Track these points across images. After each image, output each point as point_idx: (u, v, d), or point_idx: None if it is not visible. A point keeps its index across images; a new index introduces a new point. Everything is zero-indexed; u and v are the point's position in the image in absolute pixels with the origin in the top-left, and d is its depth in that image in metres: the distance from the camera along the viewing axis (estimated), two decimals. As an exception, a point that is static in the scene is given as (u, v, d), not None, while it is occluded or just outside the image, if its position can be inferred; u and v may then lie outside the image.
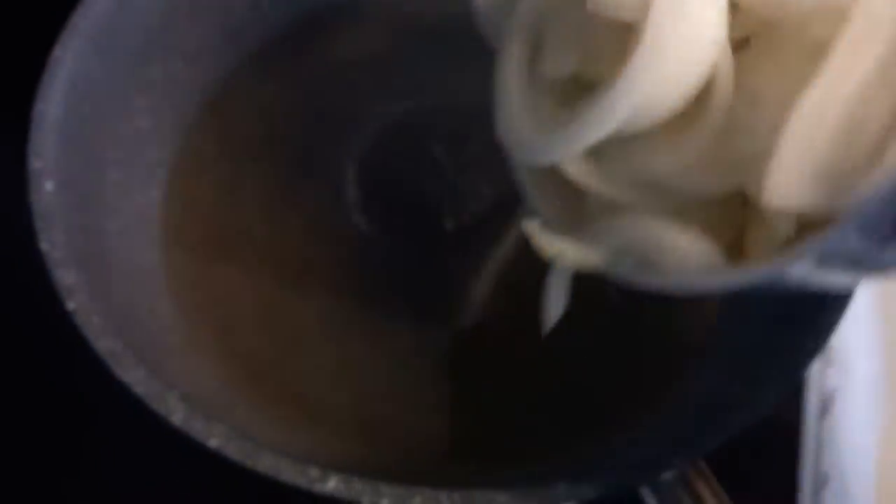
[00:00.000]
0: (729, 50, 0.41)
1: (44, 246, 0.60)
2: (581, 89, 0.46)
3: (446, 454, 0.67)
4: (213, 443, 0.53)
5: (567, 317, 0.50)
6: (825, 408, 0.73)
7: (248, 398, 0.69)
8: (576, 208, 0.50)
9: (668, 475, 0.57)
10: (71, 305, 0.58)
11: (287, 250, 0.76)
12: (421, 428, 0.67)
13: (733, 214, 0.44)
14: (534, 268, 0.49)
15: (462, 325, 0.72)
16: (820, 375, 0.74)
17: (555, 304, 0.51)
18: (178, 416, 0.54)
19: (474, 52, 0.54)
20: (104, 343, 0.57)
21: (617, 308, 0.67)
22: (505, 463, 0.65)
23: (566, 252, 0.47)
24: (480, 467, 0.66)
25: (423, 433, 0.67)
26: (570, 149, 0.44)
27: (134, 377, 0.56)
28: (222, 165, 0.80)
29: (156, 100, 0.79)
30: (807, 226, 0.41)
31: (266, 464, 0.52)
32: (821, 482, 0.70)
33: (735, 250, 0.45)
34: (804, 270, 0.39)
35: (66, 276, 0.59)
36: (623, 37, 0.42)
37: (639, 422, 0.65)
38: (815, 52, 0.38)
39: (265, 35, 0.86)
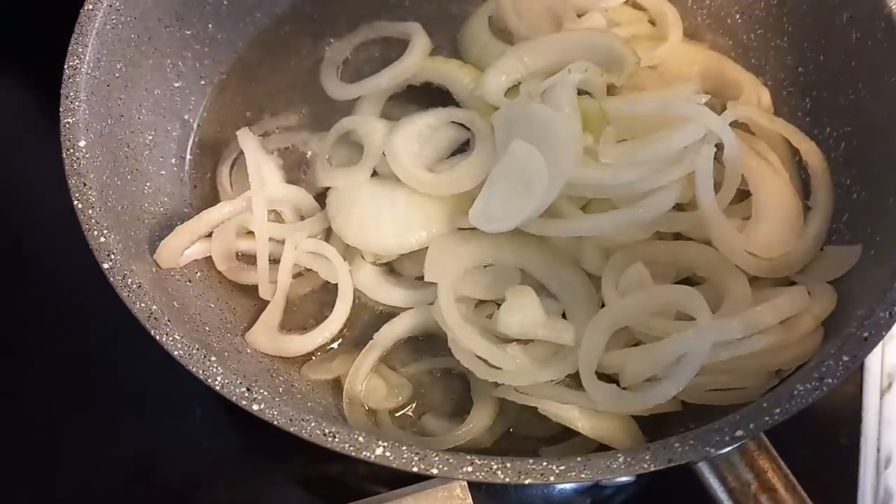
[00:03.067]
0: None
1: (77, 204, 0.58)
2: None
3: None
4: (255, 407, 0.51)
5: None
6: (886, 385, 0.70)
7: (286, 367, 0.66)
8: None
9: (728, 449, 0.54)
10: (106, 265, 0.56)
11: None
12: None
13: None
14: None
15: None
16: (882, 352, 0.71)
17: None
18: (218, 380, 0.52)
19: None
20: (141, 305, 0.54)
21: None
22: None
23: None
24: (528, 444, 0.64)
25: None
26: None
27: (172, 340, 0.53)
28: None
29: (188, 60, 0.77)
30: None
31: (311, 429, 0.50)
32: (883, 461, 0.67)
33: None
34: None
35: (100, 235, 0.57)
36: None
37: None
38: None
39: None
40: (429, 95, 0.78)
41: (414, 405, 0.67)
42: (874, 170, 0.67)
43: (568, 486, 0.69)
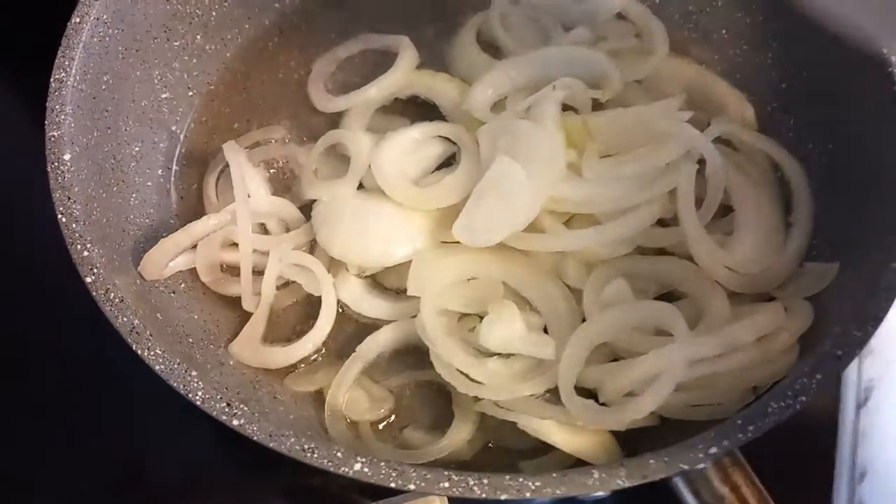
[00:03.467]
0: None
1: (61, 218, 0.58)
2: None
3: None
4: (235, 423, 0.51)
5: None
6: (863, 399, 0.71)
7: (270, 379, 0.67)
8: None
9: (702, 465, 0.55)
10: (89, 279, 0.56)
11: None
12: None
13: None
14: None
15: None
16: (859, 367, 0.71)
17: None
18: (199, 395, 0.52)
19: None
20: (123, 319, 0.55)
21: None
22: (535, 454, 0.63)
23: None
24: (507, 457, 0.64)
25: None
26: None
27: (153, 354, 0.54)
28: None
29: (176, 71, 0.77)
30: None
31: (290, 445, 0.50)
32: (858, 475, 0.68)
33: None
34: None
35: (83, 249, 0.57)
36: None
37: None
38: None
39: (284, 7, 0.84)
40: (415, 109, 0.79)
41: (395, 417, 0.67)
42: (854, 187, 0.68)
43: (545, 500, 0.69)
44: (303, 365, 0.68)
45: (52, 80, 0.63)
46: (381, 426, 0.66)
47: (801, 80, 0.75)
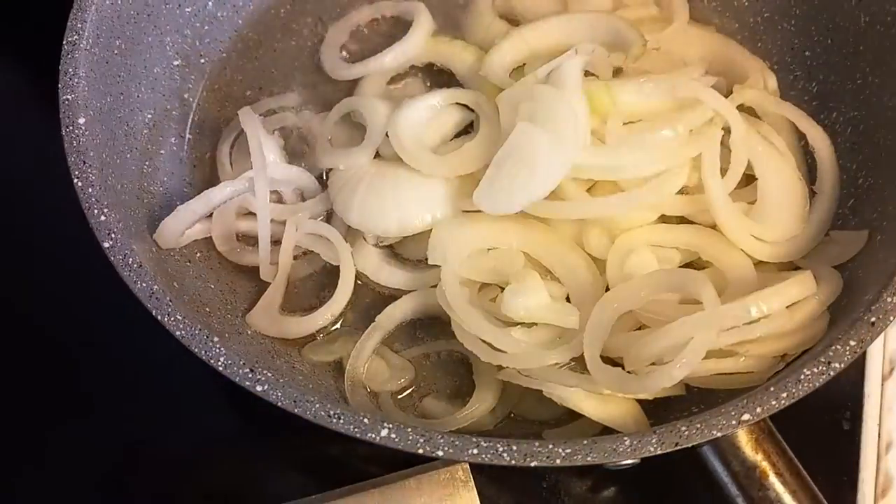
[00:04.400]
0: None
1: (77, 182, 0.57)
2: None
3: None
4: (259, 388, 0.50)
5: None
6: (888, 371, 0.70)
7: (287, 349, 0.66)
8: None
9: (731, 434, 0.54)
10: (106, 245, 0.55)
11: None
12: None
13: None
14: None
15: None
16: (884, 338, 0.71)
17: None
18: (221, 360, 0.51)
19: None
20: (142, 284, 0.54)
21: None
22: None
23: None
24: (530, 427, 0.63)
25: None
26: None
27: (174, 320, 0.53)
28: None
29: (188, 38, 0.76)
30: None
31: (315, 410, 0.49)
32: (884, 446, 0.67)
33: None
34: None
35: (100, 214, 0.56)
36: None
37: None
38: None
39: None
40: (431, 76, 0.77)
41: (415, 388, 0.66)
42: (880, 155, 0.67)
43: (570, 468, 0.69)
44: (321, 335, 0.67)
45: (64, 42, 0.62)
46: (400, 396, 0.66)
47: (824, 48, 0.74)
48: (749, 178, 0.68)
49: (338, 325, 0.68)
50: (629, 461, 0.52)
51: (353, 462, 0.71)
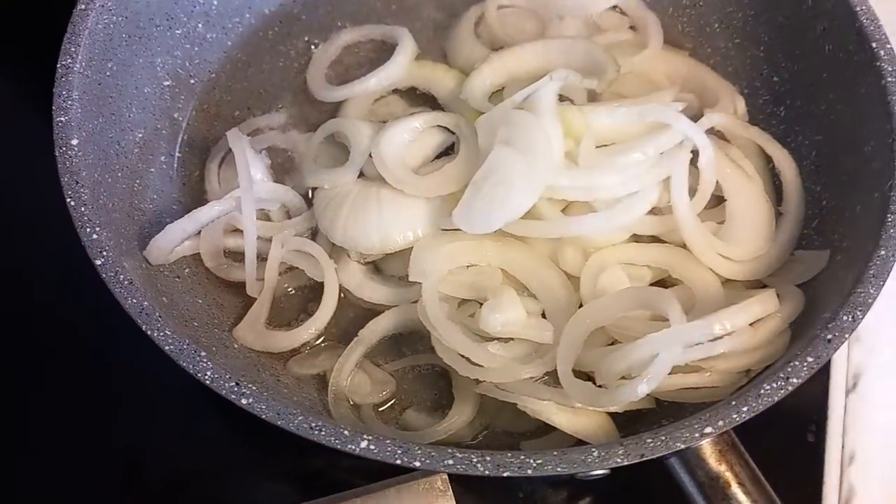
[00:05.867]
0: None
1: (70, 202, 0.59)
2: None
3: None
4: (244, 401, 0.52)
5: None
6: (851, 385, 0.73)
7: (272, 362, 0.68)
8: None
9: (698, 444, 0.57)
10: (98, 262, 0.57)
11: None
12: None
13: None
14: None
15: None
16: (848, 352, 0.73)
17: None
18: (208, 374, 0.53)
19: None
20: (133, 300, 0.56)
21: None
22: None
23: None
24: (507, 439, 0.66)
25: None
26: None
27: (163, 335, 0.55)
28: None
29: (178, 59, 0.78)
30: None
31: (298, 423, 0.51)
32: (847, 459, 0.70)
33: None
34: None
35: (92, 232, 0.58)
36: None
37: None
38: None
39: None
40: (413, 98, 0.80)
41: (396, 400, 0.68)
42: (843, 178, 0.70)
43: (545, 479, 0.71)
44: (305, 349, 0.69)
45: (58, 65, 0.64)
46: (382, 409, 0.68)
47: (791, 74, 0.77)
48: (718, 199, 0.71)
49: (322, 340, 0.70)
50: (599, 472, 0.54)
51: (336, 473, 0.73)
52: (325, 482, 0.73)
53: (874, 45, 0.67)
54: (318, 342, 0.70)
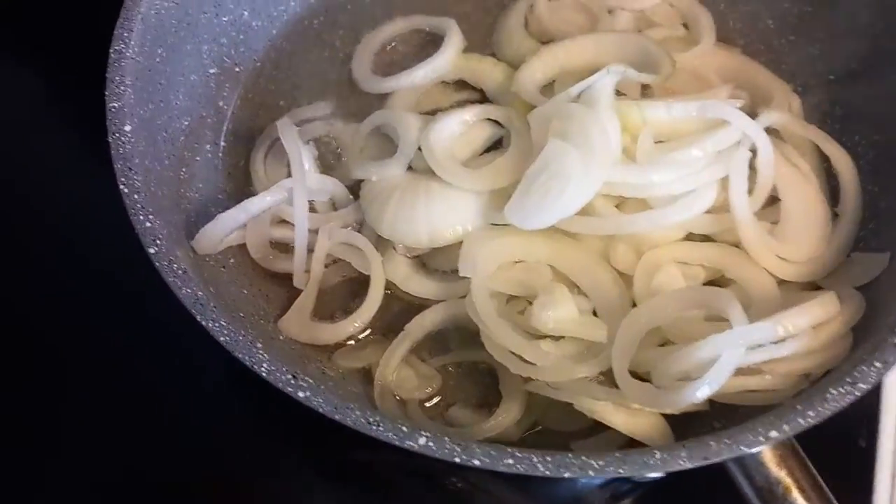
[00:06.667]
0: None
1: (123, 189, 0.58)
2: None
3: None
4: (301, 395, 0.51)
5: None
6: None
7: (318, 355, 0.67)
8: None
9: (758, 450, 0.55)
10: (152, 250, 0.56)
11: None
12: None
13: None
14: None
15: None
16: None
17: None
18: (264, 367, 0.52)
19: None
20: (187, 290, 0.55)
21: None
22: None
23: None
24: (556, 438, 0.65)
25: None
26: None
27: (218, 325, 0.54)
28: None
29: (224, 47, 0.77)
30: None
31: (355, 418, 0.51)
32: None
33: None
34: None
35: (145, 220, 0.57)
36: None
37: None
38: None
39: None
40: (460, 91, 0.79)
41: (442, 397, 0.67)
42: (902, 179, 0.68)
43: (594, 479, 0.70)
44: (351, 342, 0.69)
45: (111, 51, 0.63)
46: (427, 405, 0.67)
47: (848, 73, 0.75)
48: (772, 199, 0.70)
49: (367, 333, 0.69)
50: (654, 474, 0.53)
51: (381, 471, 0.72)
52: (369, 480, 0.72)
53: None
54: (363, 335, 0.69)
